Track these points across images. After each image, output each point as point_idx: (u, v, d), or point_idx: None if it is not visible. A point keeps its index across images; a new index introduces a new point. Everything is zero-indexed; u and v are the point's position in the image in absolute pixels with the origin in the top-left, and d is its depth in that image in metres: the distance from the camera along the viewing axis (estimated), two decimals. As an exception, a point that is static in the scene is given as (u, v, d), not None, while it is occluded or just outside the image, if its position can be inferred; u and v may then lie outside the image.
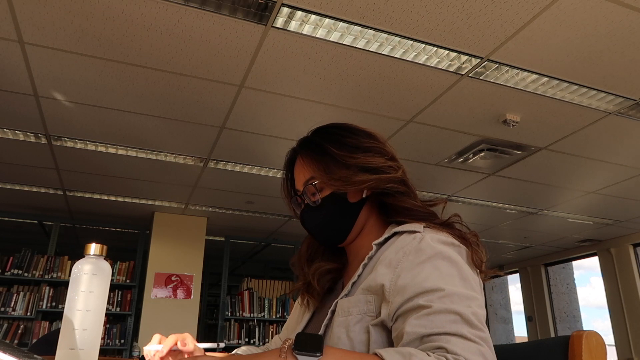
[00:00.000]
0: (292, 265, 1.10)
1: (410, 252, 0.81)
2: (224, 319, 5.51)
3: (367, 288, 0.83)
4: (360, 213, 0.96)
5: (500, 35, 2.25)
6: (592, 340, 0.79)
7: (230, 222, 5.79)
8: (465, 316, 0.71)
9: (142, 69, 2.59)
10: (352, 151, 0.93)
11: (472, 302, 0.73)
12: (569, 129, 3.20)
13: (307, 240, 1.07)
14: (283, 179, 1.07)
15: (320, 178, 0.94)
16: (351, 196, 0.95)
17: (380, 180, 0.91)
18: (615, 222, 5.40)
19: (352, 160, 0.92)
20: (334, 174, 0.92)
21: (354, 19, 2.15)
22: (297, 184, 1.01)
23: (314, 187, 0.95)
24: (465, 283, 0.77)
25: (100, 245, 0.75)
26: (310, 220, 0.98)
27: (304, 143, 1.02)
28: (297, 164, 1.01)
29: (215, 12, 2.13)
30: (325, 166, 0.94)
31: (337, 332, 0.82)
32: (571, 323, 7.04)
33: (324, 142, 0.96)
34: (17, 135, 3.45)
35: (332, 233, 0.97)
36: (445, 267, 0.78)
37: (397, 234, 0.89)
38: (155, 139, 3.49)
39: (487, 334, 0.71)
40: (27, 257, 5.00)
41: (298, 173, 1.00)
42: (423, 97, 2.82)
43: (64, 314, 0.71)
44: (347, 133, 0.98)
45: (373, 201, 0.97)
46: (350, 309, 0.83)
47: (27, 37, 2.34)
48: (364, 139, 0.97)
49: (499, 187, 4.33)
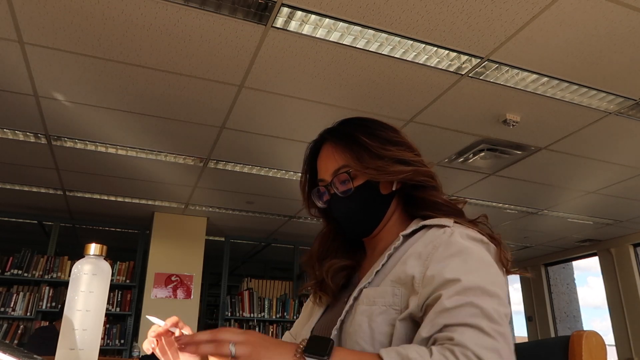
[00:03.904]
0: (303, 264, 1.07)
1: (440, 245, 0.81)
2: (224, 319, 5.51)
3: (396, 280, 0.82)
4: (390, 206, 0.96)
5: (500, 35, 2.25)
6: (592, 340, 0.79)
7: (230, 222, 5.79)
8: (486, 310, 0.70)
9: (142, 69, 2.59)
10: (383, 142, 0.93)
11: (495, 299, 0.73)
12: (569, 129, 3.20)
13: (319, 237, 1.05)
14: (303, 171, 1.04)
15: (355, 166, 0.92)
16: (383, 187, 0.94)
17: (416, 172, 0.91)
18: (615, 222, 5.40)
19: (384, 151, 0.91)
20: (369, 163, 0.91)
21: (354, 19, 2.15)
22: (323, 173, 0.98)
23: (348, 174, 0.93)
24: (491, 279, 0.76)
25: (100, 245, 0.75)
26: (341, 209, 0.96)
27: (332, 132, 1.00)
28: (324, 153, 0.99)
29: (215, 12, 2.13)
30: (359, 155, 0.92)
31: (359, 320, 0.81)
32: (571, 323, 7.04)
33: (355, 131, 0.95)
34: (17, 135, 3.45)
35: (362, 223, 0.95)
36: (473, 261, 0.78)
37: (425, 227, 0.88)
38: (155, 139, 3.49)
39: (506, 330, 0.70)
40: (27, 257, 5.00)
41: (326, 162, 0.98)
42: (423, 97, 2.82)
43: (64, 314, 0.71)
44: (376, 125, 0.98)
45: (400, 195, 0.96)
46: (376, 299, 0.82)
47: (27, 37, 2.34)
48: (392, 133, 0.97)
49: (499, 187, 4.33)
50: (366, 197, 0.94)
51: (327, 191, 0.97)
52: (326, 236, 1.04)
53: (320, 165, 0.99)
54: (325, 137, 1.00)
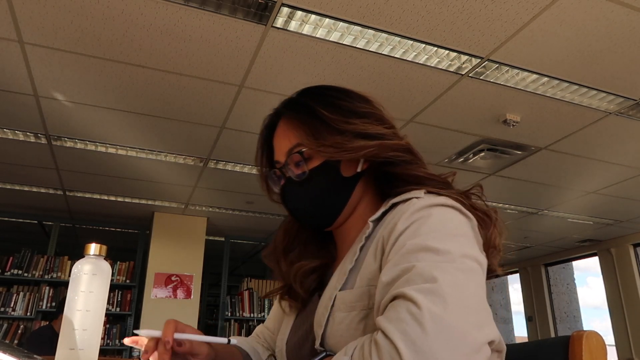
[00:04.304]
0: (264, 258, 0.91)
1: (399, 220, 0.69)
2: (224, 319, 5.51)
3: (373, 277, 0.71)
4: (355, 190, 0.82)
5: (500, 35, 2.25)
6: (592, 341, 0.79)
7: (230, 222, 5.79)
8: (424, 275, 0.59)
9: (142, 69, 2.59)
10: (346, 115, 0.79)
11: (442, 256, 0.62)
12: (569, 129, 3.20)
13: (283, 226, 0.92)
14: (258, 147, 0.90)
15: (309, 144, 0.78)
16: (345, 169, 0.80)
17: (381, 147, 0.77)
18: (615, 222, 5.40)
19: (347, 125, 0.78)
20: (325, 139, 0.77)
21: (354, 19, 2.15)
22: (277, 154, 0.84)
23: (301, 155, 0.79)
24: (445, 237, 0.65)
25: (100, 245, 0.75)
26: (294, 198, 0.82)
27: (288, 104, 0.85)
28: (278, 130, 0.85)
29: (215, 12, 2.13)
30: (314, 130, 0.78)
31: (339, 329, 0.71)
32: (571, 323, 7.04)
33: (314, 103, 0.81)
34: (17, 135, 3.45)
35: (320, 213, 0.82)
36: (428, 225, 0.67)
37: (394, 205, 0.75)
38: (155, 139, 3.49)
39: (445, 291, 0.57)
40: (27, 257, 5.00)
41: (280, 140, 0.84)
42: (423, 97, 2.82)
43: (64, 314, 0.71)
44: (340, 95, 0.83)
45: (369, 176, 0.83)
46: (355, 304, 0.71)
47: (27, 37, 2.34)
48: (360, 103, 0.83)
49: (499, 187, 4.33)
50: (322, 182, 0.80)
51: (282, 175, 0.84)
52: (291, 224, 0.91)
53: (275, 143, 0.86)
54: (279, 110, 0.86)
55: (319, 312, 0.75)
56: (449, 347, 0.53)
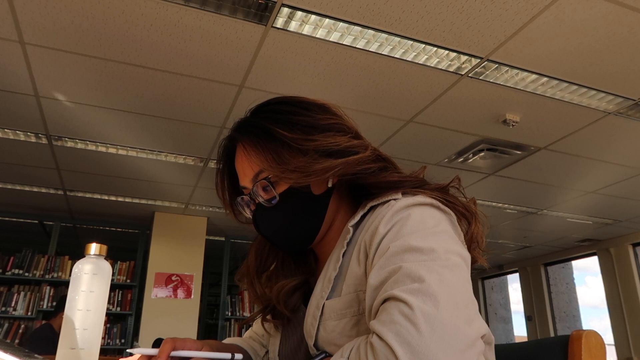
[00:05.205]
0: (238, 281, 0.89)
1: (380, 223, 0.69)
2: (224, 319, 5.51)
3: (359, 283, 0.70)
4: (329, 205, 0.79)
5: (500, 35, 2.26)
6: (591, 340, 0.79)
7: (230, 222, 5.77)
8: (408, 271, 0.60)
9: (142, 69, 2.59)
10: (307, 132, 0.75)
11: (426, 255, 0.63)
12: (569, 129, 3.20)
13: (254, 246, 0.89)
14: (217, 175, 0.86)
15: (272, 170, 0.75)
16: (315, 187, 0.78)
17: (347, 164, 0.74)
18: (614, 222, 5.40)
19: (309, 143, 0.74)
20: (289, 164, 0.73)
21: (354, 19, 2.16)
22: (242, 180, 0.81)
23: (267, 180, 0.76)
24: (427, 236, 0.65)
25: (100, 245, 0.75)
26: (268, 224, 0.79)
27: (243, 127, 0.80)
28: (238, 155, 0.81)
29: (215, 12, 2.14)
30: (275, 155, 0.74)
31: (332, 338, 0.71)
32: (571, 323, 7.04)
33: (270, 124, 0.76)
34: (18, 135, 3.45)
35: (297, 236, 0.79)
36: (411, 225, 0.67)
37: (372, 208, 0.75)
38: (156, 139, 3.50)
39: (435, 290, 0.58)
40: (28, 257, 5.01)
41: (242, 167, 0.80)
42: (423, 97, 2.82)
43: (65, 313, 0.71)
44: (296, 109, 0.79)
45: (342, 185, 0.81)
46: (344, 311, 0.71)
47: (28, 38, 2.34)
48: (319, 114, 0.79)
49: (499, 187, 4.33)
50: (295, 204, 0.77)
51: (251, 200, 0.80)
52: (262, 245, 0.88)
53: (237, 169, 0.82)
54: (234, 135, 0.82)
55: (307, 322, 0.75)
56: (443, 345, 0.54)
